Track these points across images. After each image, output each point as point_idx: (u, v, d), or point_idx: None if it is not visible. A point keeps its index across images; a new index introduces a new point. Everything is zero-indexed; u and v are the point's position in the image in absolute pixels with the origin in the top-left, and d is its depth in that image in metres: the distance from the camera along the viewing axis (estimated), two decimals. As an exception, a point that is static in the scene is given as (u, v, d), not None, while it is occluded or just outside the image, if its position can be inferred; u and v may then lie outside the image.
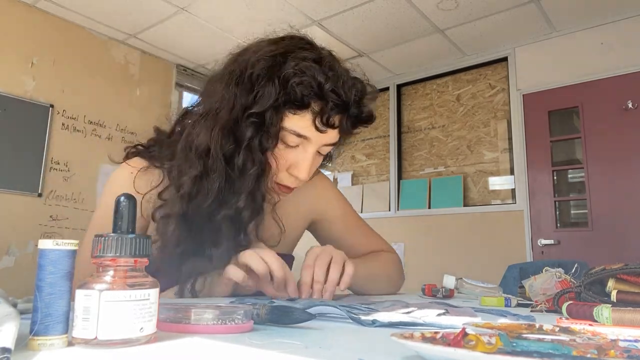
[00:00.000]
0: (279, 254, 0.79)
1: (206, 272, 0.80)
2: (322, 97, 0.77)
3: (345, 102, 0.79)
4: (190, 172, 0.78)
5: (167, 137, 0.90)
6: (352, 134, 0.87)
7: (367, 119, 0.86)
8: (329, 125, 0.79)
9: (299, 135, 0.80)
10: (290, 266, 1.01)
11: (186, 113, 0.89)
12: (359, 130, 0.88)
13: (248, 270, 0.76)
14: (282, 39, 0.84)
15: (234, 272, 0.75)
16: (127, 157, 0.90)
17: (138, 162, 0.87)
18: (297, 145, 0.82)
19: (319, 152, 0.86)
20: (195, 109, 0.87)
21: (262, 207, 0.83)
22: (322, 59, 0.80)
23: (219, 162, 0.77)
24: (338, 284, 0.80)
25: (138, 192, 0.82)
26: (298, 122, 0.79)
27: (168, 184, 0.83)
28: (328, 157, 0.95)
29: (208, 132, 0.78)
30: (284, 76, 0.76)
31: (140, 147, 0.91)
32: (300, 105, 0.77)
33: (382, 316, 0.55)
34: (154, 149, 0.89)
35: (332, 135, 0.83)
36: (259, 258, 0.76)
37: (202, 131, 0.79)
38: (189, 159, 0.79)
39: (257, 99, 0.76)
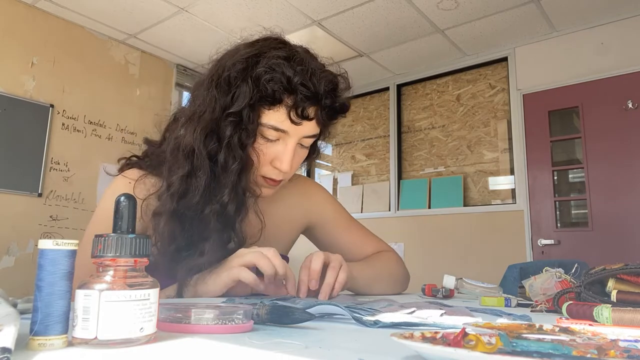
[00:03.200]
0: None
1: (201, 269, 0.81)
2: (293, 90, 0.81)
3: (316, 94, 0.83)
4: (179, 171, 0.83)
5: (159, 146, 0.93)
6: (330, 125, 0.92)
7: (341, 109, 0.90)
8: (304, 117, 0.83)
9: (277, 130, 0.84)
10: None
11: (175, 119, 0.93)
12: (337, 121, 0.92)
13: (255, 270, 0.77)
14: (257, 41, 0.88)
15: (246, 275, 0.76)
16: (122, 169, 0.93)
17: (134, 173, 0.90)
18: (278, 139, 0.85)
19: (301, 145, 0.89)
20: (182, 113, 0.90)
21: (244, 201, 0.86)
22: (293, 55, 0.84)
23: (204, 161, 0.82)
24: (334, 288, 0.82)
25: (138, 198, 0.84)
26: (274, 117, 0.83)
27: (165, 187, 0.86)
28: (315, 151, 0.98)
29: (192, 133, 0.83)
30: (256, 75, 0.81)
31: (134, 158, 0.94)
32: (273, 100, 0.81)
33: (386, 317, 0.55)
34: (147, 160, 0.93)
35: (310, 127, 0.86)
36: (266, 258, 0.76)
37: (187, 133, 0.84)
38: (177, 160, 0.84)
39: (234, 99, 0.81)
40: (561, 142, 3.47)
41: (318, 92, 0.83)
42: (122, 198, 0.41)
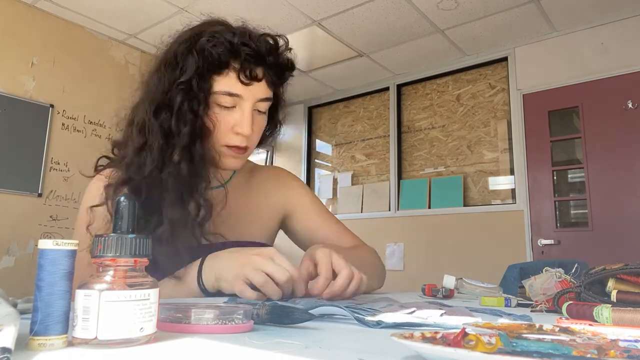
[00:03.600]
0: (258, 243, 0.80)
1: (169, 246, 0.80)
2: (236, 52, 0.86)
3: (259, 53, 0.87)
4: (133, 144, 0.86)
5: (124, 141, 0.94)
6: (281, 85, 0.96)
7: (288, 66, 0.94)
8: (253, 77, 0.87)
9: (231, 94, 0.87)
10: None
11: (131, 111, 0.95)
12: (287, 81, 0.97)
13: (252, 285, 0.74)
14: (199, 24, 0.94)
15: (249, 296, 0.72)
16: (96, 170, 0.96)
17: (109, 172, 0.92)
18: (235, 106, 0.89)
19: (258, 111, 0.92)
20: (136, 99, 0.94)
21: (202, 166, 0.87)
22: (232, 27, 0.90)
23: (156, 133, 0.85)
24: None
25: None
26: (225, 82, 0.87)
27: None
28: (277, 124, 1.02)
29: (144, 109, 0.87)
30: (200, 45, 0.86)
31: (105, 158, 0.97)
32: (219, 64, 0.85)
33: (387, 317, 0.55)
34: (116, 158, 0.95)
35: (262, 88, 0.89)
36: (272, 284, 0.72)
37: (139, 110, 0.88)
38: (132, 136, 0.88)
39: (182, 72, 0.86)
40: (561, 142, 3.47)
41: (261, 51, 0.87)
42: (122, 198, 0.41)
